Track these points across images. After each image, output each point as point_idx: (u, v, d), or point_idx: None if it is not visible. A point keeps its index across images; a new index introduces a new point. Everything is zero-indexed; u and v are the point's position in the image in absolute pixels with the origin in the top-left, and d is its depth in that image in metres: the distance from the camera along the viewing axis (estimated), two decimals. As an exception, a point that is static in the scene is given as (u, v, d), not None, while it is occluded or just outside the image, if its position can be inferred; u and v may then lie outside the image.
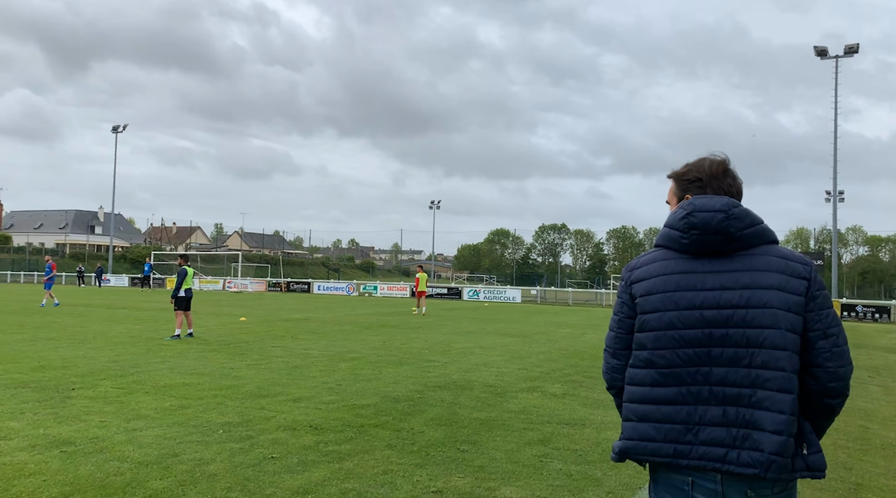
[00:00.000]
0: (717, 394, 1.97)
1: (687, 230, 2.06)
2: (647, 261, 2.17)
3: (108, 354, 11.07)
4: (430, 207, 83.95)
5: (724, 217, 2.02)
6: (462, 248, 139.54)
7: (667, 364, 2.02)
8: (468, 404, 7.66)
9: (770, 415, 1.92)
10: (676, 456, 1.98)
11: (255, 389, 8.24)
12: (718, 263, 2.05)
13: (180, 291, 13.94)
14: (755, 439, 1.92)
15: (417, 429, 6.36)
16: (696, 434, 1.96)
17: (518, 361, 11.81)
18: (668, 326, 2.04)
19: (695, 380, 1.99)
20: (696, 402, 1.98)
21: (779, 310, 1.97)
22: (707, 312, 2.01)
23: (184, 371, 9.51)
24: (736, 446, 1.93)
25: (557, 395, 8.51)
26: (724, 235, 2.02)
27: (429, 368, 10.44)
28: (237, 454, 5.25)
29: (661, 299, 2.06)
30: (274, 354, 11.79)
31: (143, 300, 30.24)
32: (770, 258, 2.04)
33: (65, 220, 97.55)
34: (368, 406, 7.36)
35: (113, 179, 62.61)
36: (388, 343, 14.12)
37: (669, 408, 2.00)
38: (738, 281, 2.01)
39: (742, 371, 1.96)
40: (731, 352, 1.97)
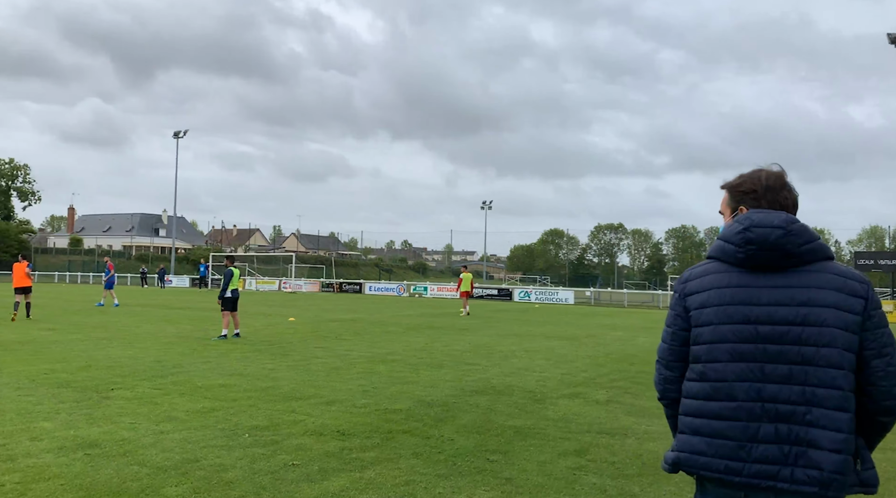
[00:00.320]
0: (770, 411, 1.95)
1: (743, 245, 2.04)
2: (700, 273, 2.15)
3: (155, 354, 11.23)
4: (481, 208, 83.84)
5: (784, 233, 2.00)
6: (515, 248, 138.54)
7: (719, 378, 2.02)
8: (504, 411, 7.38)
9: (828, 433, 1.90)
10: (728, 472, 1.97)
11: (290, 391, 8.16)
12: (774, 279, 2.03)
13: (227, 291, 14.09)
14: (811, 457, 1.90)
15: (447, 436, 6.13)
16: (749, 451, 1.95)
17: (563, 365, 11.44)
18: (722, 340, 2.03)
19: (748, 396, 1.98)
20: (748, 418, 1.97)
21: (836, 328, 1.95)
22: (762, 327, 2.00)
23: (224, 372, 9.54)
24: (790, 464, 1.91)
25: (601, 402, 8.14)
26: (782, 252, 2.01)
27: (468, 372, 10.20)
28: (258, 460, 5.13)
29: (714, 312, 2.06)
30: (315, 355, 11.76)
31: (199, 300, 30.99)
32: (827, 276, 2.01)
33: (131, 224, 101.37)
34: (400, 411, 7.17)
35: (175, 183, 64.59)
36: (431, 345, 13.94)
37: (721, 423, 1.99)
38: (795, 298, 1.99)
39: (796, 389, 1.94)
40: (785, 369, 1.96)
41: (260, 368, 9.98)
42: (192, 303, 28.66)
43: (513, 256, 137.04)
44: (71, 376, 8.73)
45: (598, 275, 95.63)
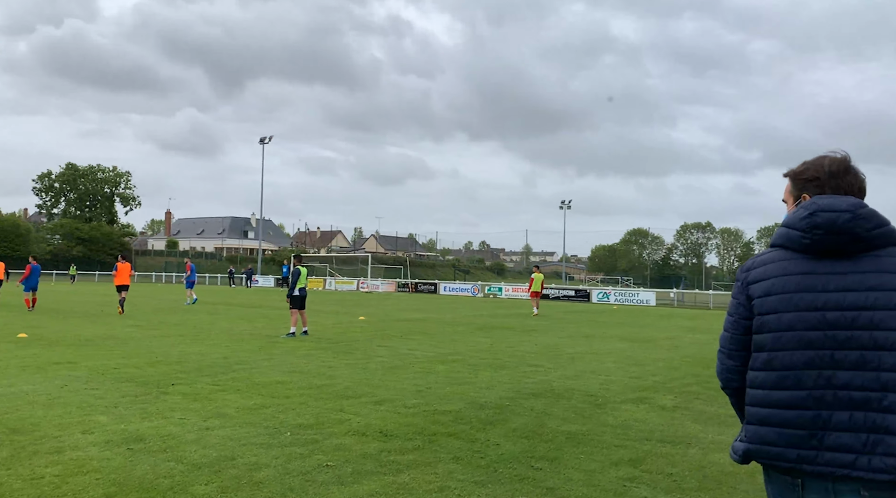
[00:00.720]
0: (843, 398, 1.92)
1: (809, 230, 2.01)
2: (763, 261, 2.12)
3: (223, 351, 11.49)
4: (559, 208, 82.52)
5: (851, 217, 1.97)
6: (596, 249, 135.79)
7: (786, 366, 1.99)
8: (560, 415, 7.03)
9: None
10: (800, 462, 1.94)
11: (343, 389, 8.10)
12: (841, 265, 1.99)
13: (295, 290, 14.30)
14: (890, 444, 1.87)
15: (493, 441, 5.86)
16: (821, 440, 1.92)
17: (632, 368, 10.90)
18: (788, 328, 2.00)
19: (817, 383, 1.95)
20: (818, 406, 1.94)
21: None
22: (830, 314, 1.96)
23: (284, 369, 9.61)
24: (867, 452, 1.88)
25: (667, 408, 7.63)
26: (851, 236, 1.97)
27: (529, 374, 9.86)
28: (294, 460, 5.03)
29: (779, 300, 2.02)
30: (377, 353, 11.72)
31: (279, 299, 31.83)
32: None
33: (222, 226, 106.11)
34: (450, 412, 6.94)
35: (261, 187, 66.96)
36: (496, 346, 13.65)
37: (791, 412, 1.97)
38: (864, 283, 1.95)
39: (870, 374, 1.91)
40: (856, 355, 1.93)
41: (320, 366, 10.00)
42: (272, 301, 29.48)
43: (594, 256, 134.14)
44: (138, 371, 9.01)
45: (683, 276, 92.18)
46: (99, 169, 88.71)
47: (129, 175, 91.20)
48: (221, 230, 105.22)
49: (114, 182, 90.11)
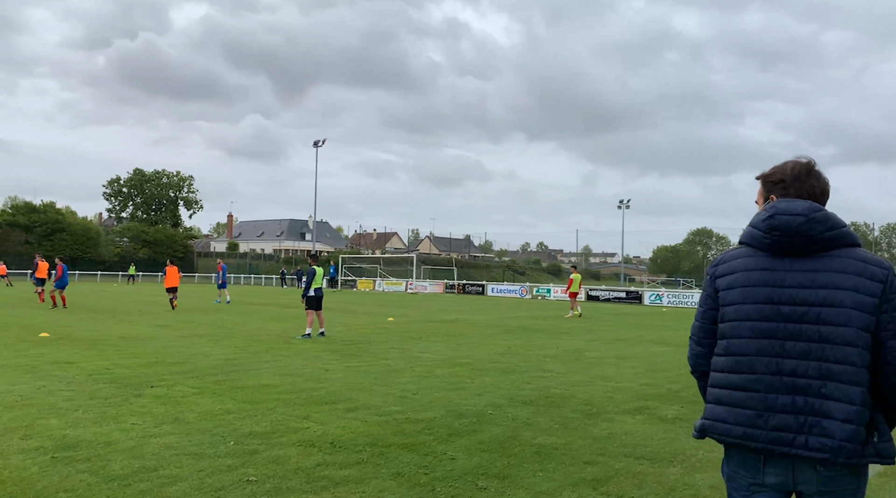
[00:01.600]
0: (788, 384, 2.09)
1: (769, 231, 2.17)
2: (731, 257, 2.28)
3: (231, 352, 11.34)
4: (618, 207, 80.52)
5: (805, 220, 2.12)
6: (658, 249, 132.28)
7: (742, 352, 2.16)
8: (542, 425, 6.47)
9: (841, 405, 2.03)
10: (745, 438, 2.12)
11: (325, 394, 7.74)
12: (798, 263, 2.14)
13: (310, 290, 14.09)
14: (825, 427, 2.03)
15: (451, 454, 5.37)
16: (767, 420, 2.09)
17: (652, 374, 10.17)
18: (746, 318, 2.17)
19: (767, 369, 2.11)
20: (767, 390, 2.11)
21: (852, 310, 2.06)
22: (784, 307, 2.12)
23: (279, 372, 9.34)
24: (805, 432, 2.05)
25: (667, 419, 6.96)
26: (805, 238, 2.13)
27: (534, 379, 9.28)
28: (217, 473, 4.67)
29: (740, 293, 2.19)
30: (386, 356, 11.34)
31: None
32: (849, 260, 2.11)
33: (280, 229, 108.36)
34: (423, 421, 6.48)
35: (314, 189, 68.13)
36: (517, 349, 13.08)
37: (742, 394, 2.14)
38: (816, 281, 2.10)
39: (813, 364, 2.07)
40: (803, 345, 2.09)
41: (317, 369, 9.69)
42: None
43: (655, 257, 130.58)
44: (129, 372, 8.90)
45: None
46: (164, 174, 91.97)
47: (191, 179, 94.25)
48: (280, 232, 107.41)
49: (177, 186, 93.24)
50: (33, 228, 70.17)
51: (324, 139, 67.47)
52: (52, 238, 70.55)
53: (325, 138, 67.64)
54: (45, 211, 73.19)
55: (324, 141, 67.49)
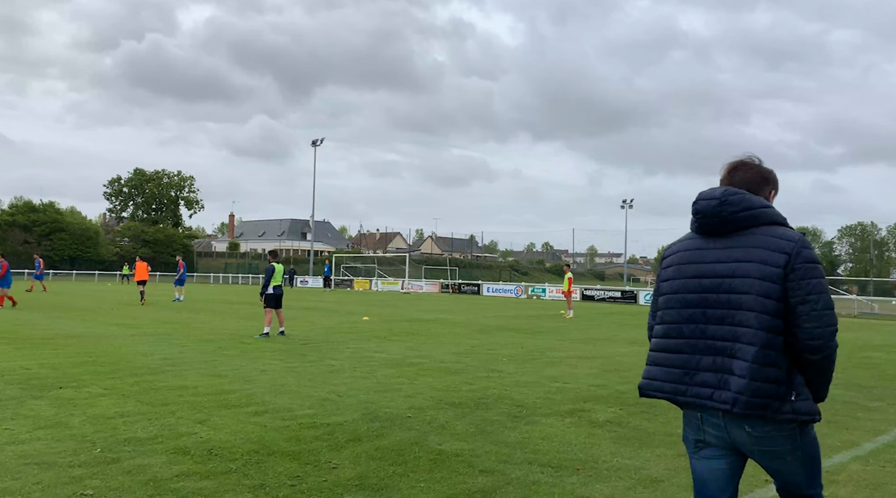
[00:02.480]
0: (710, 346, 2.40)
1: (694, 214, 2.53)
2: (675, 242, 2.68)
3: (174, 351, 10.93)
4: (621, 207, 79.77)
5: (718, 203, 2.45)
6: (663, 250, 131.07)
7: (673, 320, 2.51)
8: (457, 430, 6.01)
9: (740, 363, 2.31)
10: (674, 393, 2.46)
11: (243, 397, 7.31)
12: (720, 242, 2.47)
13: (269, 288, 13.67)
14: (729, 382, 2.33)
15: (336, 462, 4.92)
16: (692, 377, 2.42)
17: (607, 374, 9.69)
18: (676, 291, 2.53)
19: (693, 334, 2.44)
20: (692, 352, 2.43)
21: (755, 279, 2.33)
22: (705, 280, 2.45)
23: (211, 372, 8.92)
24: (720, 388, 2.35)
25: (597, 423, 6.49)
26: (719, 218, 2.45)
27: (477, 380, 8.82)
28: (53, 487, 4.23)
29: (673, 271, 2.58)
30: (334, 356, 10.90)
31: (307, 298, 31.51)
32: (761, 237, 2.38)
33: (282, 228, 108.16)
34: (329, 426, 6.04)
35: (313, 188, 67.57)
36: (477, 348, 12.61)
37: (673, 356, 2.48)
38: (730, 256, 2.41)
39: (726, 328, 2.37)
40: (719, 312, 2.39)
41: (253, 370, 9.26)
42: (296, 301, 29.19)
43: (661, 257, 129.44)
44: (48, 372, 8.49)
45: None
46: (165, 173, 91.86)
47: (192, 179, 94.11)
48: (281, 232, 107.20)
49: (178, 186, 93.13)
50: (32, 228, 70.20)
51: (322, 138, 67.19)
52: (51, 238, 70.53)
53: (323, 138, 67.37)
54: (44, 210, 73.17)
55: (322, 140, 67.20)
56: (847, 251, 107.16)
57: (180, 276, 27.34)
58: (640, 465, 5.10)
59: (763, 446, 2.33)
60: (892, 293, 74.54)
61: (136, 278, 25.07)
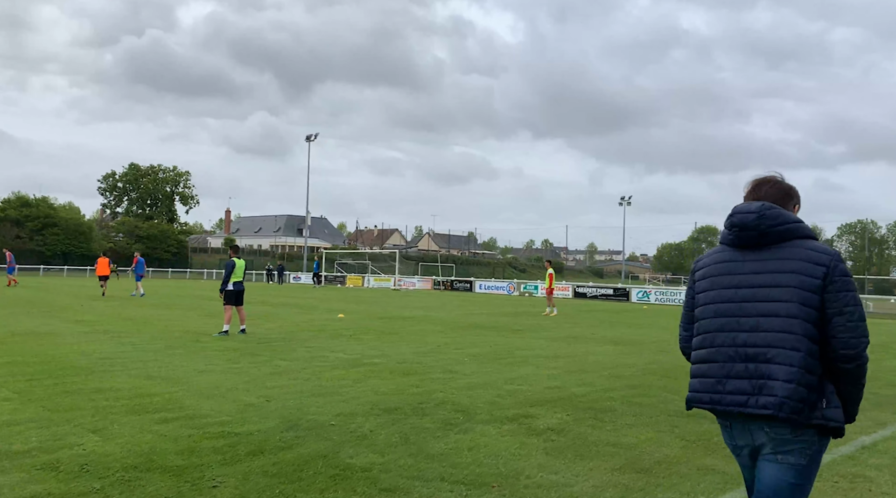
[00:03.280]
0: (742, 353, 2.43)
1: (731, 228, 2.57)
2: (707, 255, 2.71)
3: (118, 350, 10.38)
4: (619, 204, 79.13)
5: (756, 217, 2.49)
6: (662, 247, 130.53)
7: (707, 330, 2.55)
8: (378, 440, 5.47)
9: (782, 368, 2.34)
10: (712, 403, 2.49)
11: (162, 401, 6.77)
12: (755, 254, 2.51)
13: (228, 284, 13.11)
14: (770, 387, 2.35)
15: (221, 479, 4.38)
16: (725, 385, 2.45)
17: (570, 376, 9.15)
18: (711, 302, 2.57)
19: (725, 342, 2.48)
20: (725, 360, 2.46)
21: (795, 288, 2.38)
22: (741, 290, 2.49)
23: (144, 373, 8.38)
24: (755, 394, 2.37)
25: (536, 431, 5.94)
26: (757, 232, 2.49)
27: (427, 382, 8.27)
28: None
29: (708, 282, 2.61)
30: (288, 356, 10.36)
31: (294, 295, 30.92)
32: (797, 249, 2.44)
33: (278, 225, 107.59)
34: (235, 435, 5.49)
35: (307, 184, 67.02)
36: (443, 347, 12.07)
37: (707, 366, 2.52)
38: (766, 267, 2.46)
39: (760, 335, 2.40)
40: (753, 320, 2.43)
41: (192, 371, 8.71)
42: (280, 298, 28.66)
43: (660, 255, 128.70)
44: (-33, 373, 7.95)
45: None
46: (160, 169, 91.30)
47: (188, 174, 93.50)
48: (277, 228, 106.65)
49: (174, 181, 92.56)
50: (25, 223, 69.67)
51: (316, 134, 66.65)
52: (43, 232, 69.98)
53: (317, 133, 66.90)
54: (37, 205, 72.63)
55: (316, 135, 66.67)
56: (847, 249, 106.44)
57: (135, 269, 27.08)
58: (566, 481, 4.55)
59: (782, 448, 2.38)
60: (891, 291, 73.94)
61: (98, 273, 26.14)
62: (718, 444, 5.69)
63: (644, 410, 7.04)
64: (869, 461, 5.22)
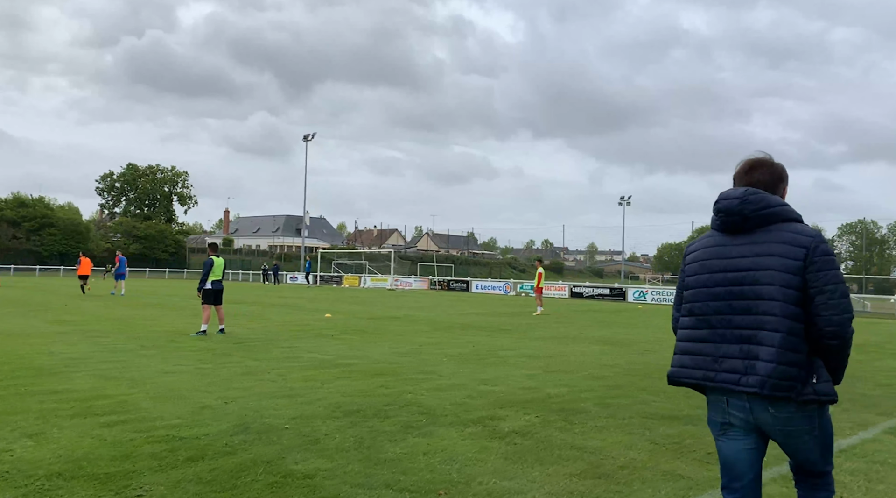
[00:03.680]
0: (736, 335, 2.56)
1: (717, 213, 2.68)
2: (697, 240, 2.82)
3: (89, 350, 10.12)
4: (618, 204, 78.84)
5: (739, 202, 2.60)
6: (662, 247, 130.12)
7: (701, 312, 2.67)
8: (330, 445, 5.20)
9: (766, 348, 2.48)
10: (704, 380, 2.62)
11: (114, 403, 6.50)
12: (741, 238, 2.62)
13: (206, 283, 12.84)
14: (756, 367, 2.49)
15: (149, 487, 4.11)
16: (721, 364, 2.57)
17: (547, 376, 8.87)
18: (703, 285, 2.68)
19: (720, 324, 2.60)
20: (720, 341, 2.59)
21: (776, 271, 2.49)
22: (729, 274, 2.60)
23: (105, 374, 8.11)
24: (746, 373, 2.51)
25: (500, 434, 5.66)
26: (741, 216, 2.59)
27: (398, 383, 8.00)
28: None
29: (698, 266, 2.72)
30: (260, 356, 10.09)
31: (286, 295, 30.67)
32: (781, 233, 2.54)
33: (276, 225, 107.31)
34: (180, 439, 5.22)
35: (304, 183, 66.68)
36: (425, 347, 11.79)
37: (702, 345, 2.64)
38: (753, 251, 2.57)
39: (750, 318, 2.53)
40: (744, 303, 2.55)
41: (157, 372, 8.44)
42: (271, 298, 28.40)
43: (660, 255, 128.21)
44: (-80, 374, 7.69)
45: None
46: (158, 169, 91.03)
47: (186, 175, 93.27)
48: (276, 228, 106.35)
49: (172, 181, 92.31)
50: (21, 223, 69.45)
51: (313, 133, 66.33)
52: (40, 233, 69.76)
53: (314, 132, 66.57)
54: (33, 205, 72.39)
55: (313, 135, 66.36)
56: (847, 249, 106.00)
57: (117, 269, 27.14)
58: (519, 488, 4.28)
59: (785, 426, 2.50)
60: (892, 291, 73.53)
61: (79, 272, 26.90)
62: (689, 447, 5.42)
63: (618, 411, 6.76)
64: (844, 466, 4.95)
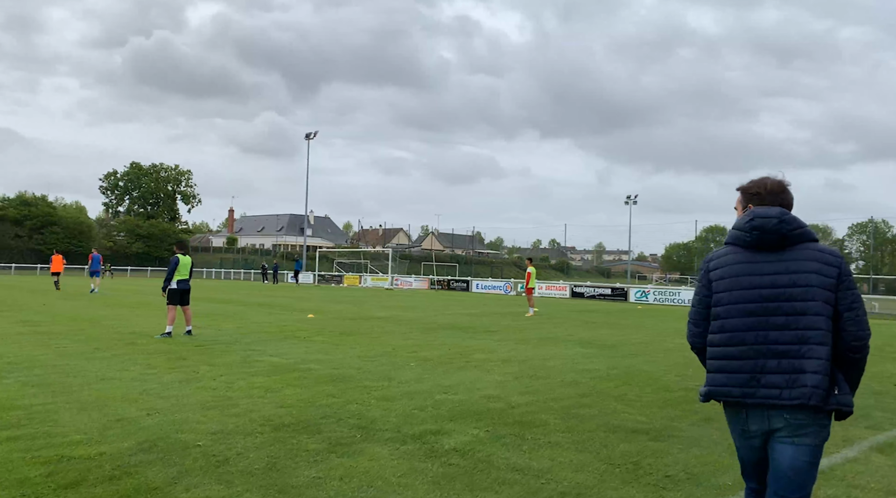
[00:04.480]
0: (773, 350, 2.61)
1: (750, 231, 2.72)
2: (720, 255, 2.84)
3: (33, 353, 9.60)
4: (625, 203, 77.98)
5: (778, 221, 2.68)
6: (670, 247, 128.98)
7: (734, 329, 2.69)
8: (239, 466, 4.62)
9: (812, 362, 2.56)
10: (744, 397, 2.65)
11: (26, 415, 5.96)
12: (772, 256, 2.69)
13: (172, 282, 12.29)
14: (801, 380, 2.55)
15: (-4, 520, 3.53)
16: (759, 380, 2.62)
17: (516, 382, 8.27)
18: (735, 302, 2.70)
19: (756, 341, 2.64)
20: (756, 357, 2.63)
21: (817, 288, 2.60)
22: (764, 290, 2.65)
23: (34, 381, 7.58)
24: (788, 387, 2.56)
25: (437, 452, 5.06)
26: (777, 235, 2.68)
27: (350, 391, 7.41)
28: None
29: (730, 282, 2.73)
30: (216, 360, 9.52)
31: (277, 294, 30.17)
32: (811, 251, 2.66)
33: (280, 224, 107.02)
34: (71, 459, 4.66)
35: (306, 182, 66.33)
36: (397, 350, 11.19)
37: (737, 362, 2.67)
38: (788, 269, 2.65)
39: (791, 333, 2.60)
40: (782, 319, 2.61)
41: (96, 378, 7.89)
42: (260, 297, 27.89)
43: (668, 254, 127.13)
44: None
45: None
46: (161, 168, 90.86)
47: (190, 173, 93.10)
48: (280, 227, 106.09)
49: (175, 180, 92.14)
50: (24, 222, 69.35)
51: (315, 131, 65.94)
52: (43, 231, 69.66)
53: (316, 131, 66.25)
54: (36, 204, 72.30)
55: (315, 133, 65.93)
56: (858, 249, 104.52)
57: (91, 266, 27.31)
58: (431, 525, 3.67)
59: (798, 432, 2.58)
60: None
61: (52, 270, 28.13)
62: (647, 469, 4.81)
63: (580, 424, 6.15)
64: (819, 493, 4.31)
